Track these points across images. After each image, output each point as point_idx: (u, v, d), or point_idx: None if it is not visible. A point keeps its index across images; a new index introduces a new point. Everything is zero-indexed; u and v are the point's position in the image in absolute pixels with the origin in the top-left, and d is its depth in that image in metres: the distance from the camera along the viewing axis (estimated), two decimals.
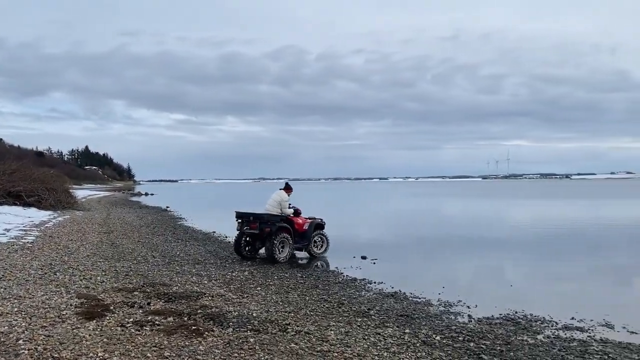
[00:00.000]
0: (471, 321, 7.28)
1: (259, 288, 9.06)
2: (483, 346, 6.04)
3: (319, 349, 5.65)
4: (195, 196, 74.35)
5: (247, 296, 8.31)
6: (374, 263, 12.66)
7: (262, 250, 12.45)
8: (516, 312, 7.76)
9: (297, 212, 13.05)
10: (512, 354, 5.78)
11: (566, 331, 6.85)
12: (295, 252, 12.86)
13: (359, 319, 7.13)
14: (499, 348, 5.97)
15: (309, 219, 13.28)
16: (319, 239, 13.28)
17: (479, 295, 8.98)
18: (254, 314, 6.99)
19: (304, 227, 12.97)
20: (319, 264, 12.39)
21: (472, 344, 6.11)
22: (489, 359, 5.57)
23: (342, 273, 11.08)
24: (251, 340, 5.81)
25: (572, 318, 7.49)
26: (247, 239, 12.54)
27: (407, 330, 6.62)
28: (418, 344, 6.05)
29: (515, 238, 18.71)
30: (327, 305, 7.93)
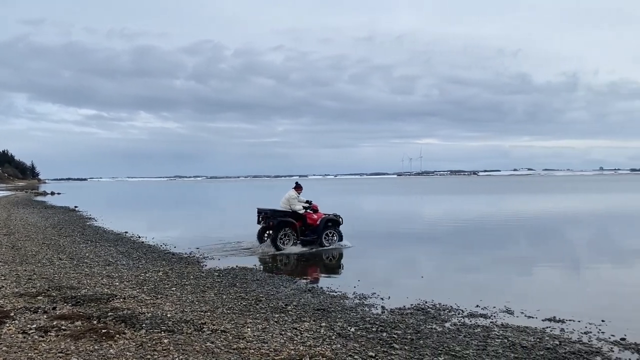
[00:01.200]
0: (384, 312, 7.55)
1: (174, 288, 8.85)
2: (395, 335, 6.29)
3: (235, 346, 5.63)
4: (106, 195, 70.90)
5: (162, 297, 8.09)
6: (289, 259, 12.76)
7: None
8: (426, 302, 8.14)
9: (313, 208, 14.53)
10: (421, 341, 6.07)
11: (471, 318, 7.28)
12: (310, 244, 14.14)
13: (277, 315, 7.17)
14: (409, 337, 6.25)
15: (326, 215, 14.56)
16: (331, 234, 14.35)
17: (392, 287, 9.32)
18: (169, 315, 6.82)
19: (317, 223, 14.28)
20: (236, 266, 12.27)
21: (384, 334, 6.34)
22: (400, 348, 5.81)
23: (260, 270, 11.07)
24: (165, 341, 5.67)
25: (477, 306, 7.97)
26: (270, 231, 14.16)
27: (323, 324, 6.75)
28: (334, 337, 6.19)
29: (428, 231, 19.58)
30: (244, 303, 7.90)
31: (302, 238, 14.06)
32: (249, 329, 6.37)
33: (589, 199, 43.98)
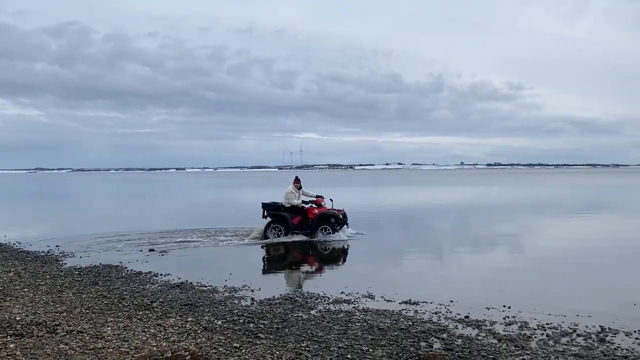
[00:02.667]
0: (253, 304, 7.62)
1: (27, 289, 8.16)
2: (261, 326, 6.40)
3: (92, 346, 5.36)
4: None
5: (11, 299, 7.43)
6: (162, 255, 12.36)
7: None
8: (295, 292, 8.36)
9: (317, 203, 15.09)
10: (286, 330, 6.24)
11: (336, 304, 7.62)
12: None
13: (140, 312, 6.93)
14: (275, 326, 6.39)
15: (329, 210, 15.04)
16: (325, 228, 14.64)
17: (263, 279, 9.44)
18: (17, 318, 6.30)
19: (315, 218, 14.74)
20: (100, 264, 11.59)
21: (251, 325, 6.42)
22: (265, 337, 5.93)
23: (126, 267, 10.57)
24: (11, 346, 5.23)
25: (342, 292, 8.35)
26: None
27: (189, 319, 6.66)
28: (199, 331, 6.15)
29: None
30: (106, 302, 7.52)
31: (296, 232, 14.61)
32: (109, 328, 6.09)
33: (453, 190, 47.90)
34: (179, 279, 9.41)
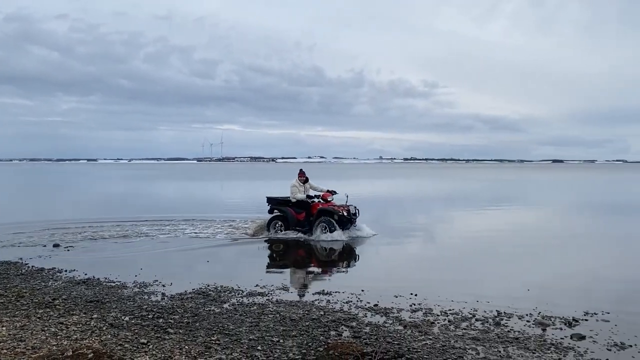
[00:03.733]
0: (164, 299, 7.44)
1: None
2: (171, 321, 6.27)
3: None
4: None
5: None
6: (68, 250, 11.72)
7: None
8: (208, 286, 8.24)
9: (323, 198, 14.05)
10: (197, 324, 6.16)
11: (250, 297, 7.61)
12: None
13: (40, 311, 6.57)
14: (186, 320, 6.28)
15: (341, 206, 13.83)
16: (323, 226, 13.46)
17: (175, 274, 9.20)
18: None
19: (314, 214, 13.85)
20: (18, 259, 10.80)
21: (161, 320, 6.27)
22: (174, 332, 5.82)
23: (27, 264, 9.93)
24: None
25: (257, 285, 8.35)
26: None
27: (94, 316, 6.40)
28: (105, 327, 5.92)
29: (209, 217, 19.59)
30: (1, 301, 7.05)
31: (299, 229, 13.82)
32: (3, 328, 5.74)
33: (372, 183, 49.12)
34: (85, 275, 8.99)
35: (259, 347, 5.35)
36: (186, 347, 5.32)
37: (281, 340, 5.59)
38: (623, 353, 5.52)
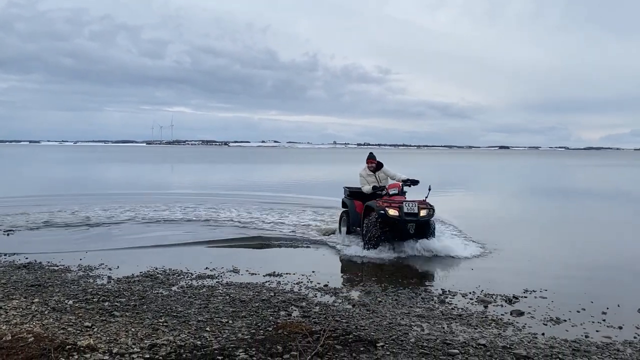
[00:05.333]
0: (110, 282, 7.27)
1: None
2: (117, 304, 6.13)
3: None
4: None
5: None
6: (8, 234, 11.24)
7: None
8: (156, 269, 8.09)
9: (390, 188, 9.90)
10: (145, 306, 6.06)
11: (199, 280, 7.53)
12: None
13: None
14: (133, 303, 6.17)
15: (417, 201, 9.50)
16: (371, 231, 9.55)
17: (122, 257, 9.00)
18: None
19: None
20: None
21: (106, 304, 6.13)
22: (120, 315, 5.70)
23: None
24: None
25: (206, 268, 8.28)
26: None
27: (36, 300, 6.18)
28: (46, 312, 5.74)
29: (157, 200, 19.16)
30: None
31: (359, 229, 10.55)
32: None
33: (329, 168, 49.35)
34: (27, 259, 8.66)
35: (207, 328, 5.32)
36: (133, 329, 5.22)
37: (230, 321, 5.58)
38: (558, 327, 5.82)
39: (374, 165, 10.44)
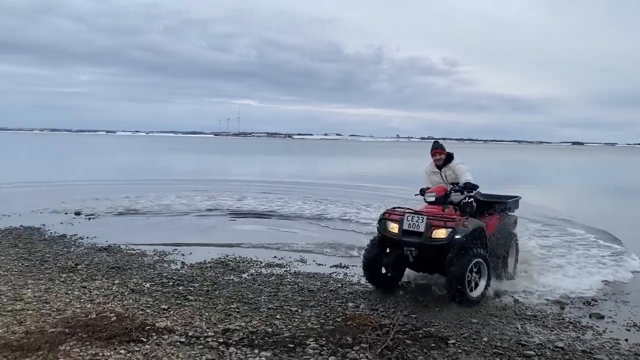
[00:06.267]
0: (184, 267, 7.55)
1: None
2: (191, 288, 6.36)
3: (10, 309, 5.15)
4: None
5: None
6: (90, 219, 11.92)
7: None
8: (227, 256, 8.31)
9: (443, 197, 6.55)
10: (217, 292, 6.24)
11: (268, 268, 7.68)
12: None
13: (64, 275, 6.71)
14: (206, 289, 6.37)
15: (432, 212, 6.32)
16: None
17: (194, 244, 9.31)
18: None
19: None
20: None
21: (181, 288, 6.37)
22: (194, 299, 5.91)
23: (49, 230, 10.13)
24: None
25: (274, 257, 8.42)
26: None
27: (116, 281, 6.52)
28: (126, 293, 6.04)
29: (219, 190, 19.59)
30: (27, 264, 7.22)
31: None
32: (29, 290, 5.87)
33: (401, 162, 48.98)
34: (107, 242, 9.13)
35: (277, 316, 5.42)
36: (206, 313, 5.40)
37: (300, 310, 5.65)
38: None
39: (442, 158, 7.04)
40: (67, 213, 12.37)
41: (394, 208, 6.62)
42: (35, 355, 4.00)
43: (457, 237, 5.87)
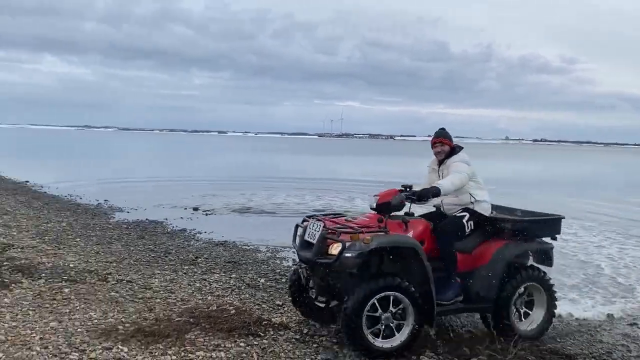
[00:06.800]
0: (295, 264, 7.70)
1: (79, 239, 8.49)
2: None
3: (141, 296, 5.55)
4: (6, 142, 65.58)
5: (64, 247, 7.73)
6: (207, 215, 12.62)
7: None
8: None
9: (392, 204, 4.60)
10: None
11: None
12: None
13: (186, 267, 7.12)
14: None
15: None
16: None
17: None
18: (71, 265, 6.55)
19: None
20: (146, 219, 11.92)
21: None
22: None
23: (171, 224, 10.87)
24: (66, 290, 5.46)
25: None
26: None
27: (233, 275, 6.80)
28: (243, 287, 6.27)
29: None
30: (153, 255, 7.76)
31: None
32: (156, 280, 6.28)
33: (519, 167, 46.79)
34: (222, 237, 9.59)
35: None
36: None
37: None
38: None
39: (444, 150, 5.16)
40: (186, 208, 13.19)
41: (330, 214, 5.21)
42: (165, 342, 4.26)
43: (346, 255, 4.09)
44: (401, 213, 4.70)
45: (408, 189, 4.70)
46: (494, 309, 4.74)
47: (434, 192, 4.60)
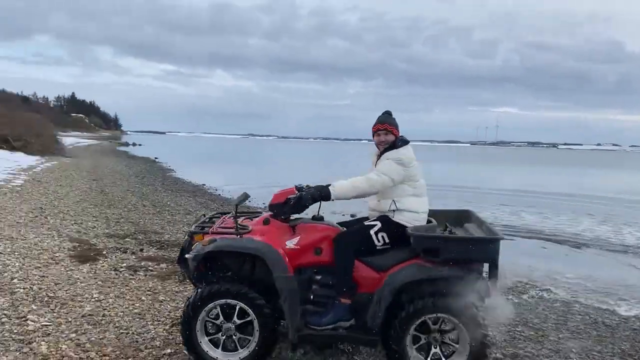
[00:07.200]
0: None
1: None
2: None
3: None
4: (183, 149, 73.79)
5: None
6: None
7: None
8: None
9: (285, 206, 3.81)
10: None
11: (549, 293, 7.03)
12: None
13: None
14: None
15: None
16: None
17: None
18: None
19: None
20: None
21: None
22: None
23: None
24: None
25: (555, 279, 7.69)
26: None
27: None
28: None
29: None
30: None
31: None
32: None
33: None
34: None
35: (573, 349, 4.87)
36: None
37: (598, 347, 4.98)
38: None
39: (387, 140, 4.21)
40: (343, 215, 13.52)
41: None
42: None
43: (187, 256, 3.82)
44: (308, 216, 4.01)
45: (304, 190, 3.84)
46: (386, 350, 3.76)
47: (316, 196, 3.76)
